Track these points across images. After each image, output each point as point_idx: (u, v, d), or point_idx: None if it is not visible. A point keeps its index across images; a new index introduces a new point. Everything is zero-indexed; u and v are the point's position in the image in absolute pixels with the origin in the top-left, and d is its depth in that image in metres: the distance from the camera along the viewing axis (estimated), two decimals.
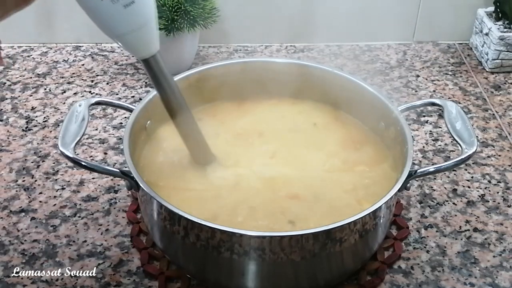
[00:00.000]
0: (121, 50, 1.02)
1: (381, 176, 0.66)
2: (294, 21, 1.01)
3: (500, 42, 0.95)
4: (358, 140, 0.71)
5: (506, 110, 0.90)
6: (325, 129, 0.72)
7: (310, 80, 0.73)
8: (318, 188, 0.64)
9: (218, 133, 0.71)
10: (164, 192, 0.58)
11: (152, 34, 0.55)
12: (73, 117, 0.64)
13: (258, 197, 0.62)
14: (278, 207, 0.61)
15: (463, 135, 0.64)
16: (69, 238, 0.67)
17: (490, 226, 0.70)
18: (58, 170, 0.76)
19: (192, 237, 0.56)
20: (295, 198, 0.62)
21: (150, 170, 0.65)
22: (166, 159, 0.67)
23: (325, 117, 0.73)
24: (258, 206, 0.61)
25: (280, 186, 0.64)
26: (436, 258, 0.66)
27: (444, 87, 0.95)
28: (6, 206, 0.71)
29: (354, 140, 0.71)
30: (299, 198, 0.62)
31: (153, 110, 0.68)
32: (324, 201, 0.62)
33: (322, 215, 0.60)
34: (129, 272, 0.64)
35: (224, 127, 0.72)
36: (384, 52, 1.04)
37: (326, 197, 0.63)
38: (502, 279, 0.64)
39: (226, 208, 0.61)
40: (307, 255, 0.55)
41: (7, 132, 0.83)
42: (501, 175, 0.77)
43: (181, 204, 0.55)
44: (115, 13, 0.51)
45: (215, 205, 0.61)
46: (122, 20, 0.52)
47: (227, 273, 0.59)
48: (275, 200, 0.62)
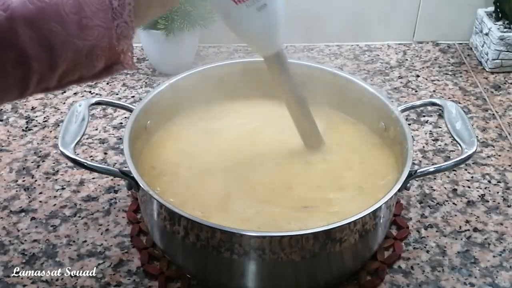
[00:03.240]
0: None
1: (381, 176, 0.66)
2: (294, 21, 1.01)
3: (500, 42, 0.95)
4: (358, 140, 0.71)
5: (506, 110, 0.90)
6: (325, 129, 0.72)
7: (310, 80, 0.73)
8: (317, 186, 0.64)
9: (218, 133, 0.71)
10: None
11: (280, 33, 0.60)
12: (73, 117, 0.64)
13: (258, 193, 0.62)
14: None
15: (463, 135, 0.64)
16: (69, 238, 0.67)
17: (490, 226, 0.70)
18: (58, 170, 0.76)
19: (192, 237, 0.56)
20: (290, 190, 0.64)
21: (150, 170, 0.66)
22: (166, 159, 0.68)
23: (325, 117, 0.73)
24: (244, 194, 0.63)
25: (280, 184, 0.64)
26: (436, 258, 0.66)
27: (444, 87, 0.95)
28: (6, 206, 0.71)
29: (354, 140, 0.71)
30: (292, 189, 0.64)
31: (153, 110, 0.69)
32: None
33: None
34: (129, 272, 0.64)
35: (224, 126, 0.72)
36: (384, 52, 1.04)
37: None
38: (502, 279, 0.64)
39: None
40: (307, 255, 0.55)
41: (7, 132, 0.83)
42: (501, 175, 0.77)
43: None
44: (249, 16, 0.56)
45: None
46: (256, 23, 0.57)
47: (227, 273, 0.59)
48: (276, 197, 0.63)
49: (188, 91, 0.72)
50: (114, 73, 0.50)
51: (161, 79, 0.95)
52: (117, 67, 0.49)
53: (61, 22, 0.43)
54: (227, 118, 0.73)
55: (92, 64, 0.47)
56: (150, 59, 0.98)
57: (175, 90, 0.71)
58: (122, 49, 0.48)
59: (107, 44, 0.46)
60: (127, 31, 0.47)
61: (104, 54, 0.47)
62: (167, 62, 0.95)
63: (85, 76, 0.48)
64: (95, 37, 0.45)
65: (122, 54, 0.48)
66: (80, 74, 0.47)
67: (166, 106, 0.71)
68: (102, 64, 0.47)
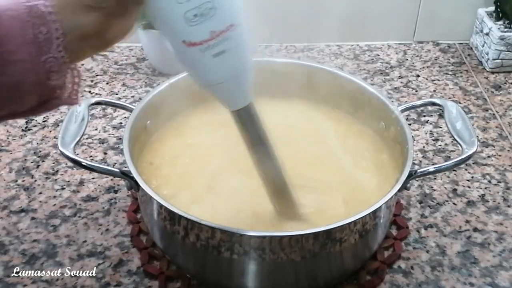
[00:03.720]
0: (121, 49, 1.02)
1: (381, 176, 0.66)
2: (294, 20, 1.01)
3: (501, 42, 0.95)
4: (358, 139, 0.71)
5: (506, 110, 0.90)
6: (325, 129, 0.72)
7: (310, 80, 0.73)
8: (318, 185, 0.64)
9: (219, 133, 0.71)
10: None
11: (244, 86, 0.51)
12: (73, 117, 0.64)
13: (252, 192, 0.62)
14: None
15: (463, 135, 0.64)
16: (69, 238, 0.67)
17: (490, 226, 0.70)
18: (58, 170, 0.76)
19: (192, 237, 0.56)
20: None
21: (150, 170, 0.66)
22: (166, 159, 0.67)
23: (325, 117, 0.73)
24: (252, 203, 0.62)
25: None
26: (436, 258, 0.66)
27: (445, 87, 0.95)
28: (6, 206, 0.71)
29: (354, 140, 0.71)
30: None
31: (153, 110, 0.69)
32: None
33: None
34: (129, 272, 0.64)
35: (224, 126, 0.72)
36: (384, 52, 1.04)
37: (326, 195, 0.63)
38: (502, 279, 0.64)
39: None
40: (307, 255, 0.55)
41: (6, 132, 0.83)
42: (501, 175, 0.77)
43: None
44: (205, 63, 0.47)
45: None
46: (212, 70, 0.48)
47: (227, 273, 0.59)
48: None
49: (188, 91, 0.72)
50: (52, 108, 0.46)
51: (161, 79, 0.95)
52: (54, 102, 0.46)
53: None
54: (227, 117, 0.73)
55: (21, 100, 0.43)
56: (150, 59, 0.98)
57: (175, 90, 0.71)
58: (57, 85, 0.44)
59: (34, 80, 0.42)
60: (58, 66, 0.43)
61: (34, 90, 0.43)
62: (167, 62, 0.95)
63: (16, 112, 0.45)
64: (19, 73, 0.42)
65: (58, 90, 0.45)
66: (9, 110, 0.44)
67: (166, 106, 0.71)
68: (34, 100, 0.44)
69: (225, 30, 0.46)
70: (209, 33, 0.46)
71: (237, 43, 0.47)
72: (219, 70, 0.48)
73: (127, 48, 1.03)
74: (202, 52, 0.46)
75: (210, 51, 0.46)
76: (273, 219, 0.60)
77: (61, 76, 0.44)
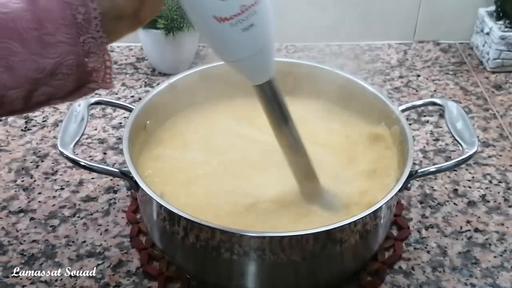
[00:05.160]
0: (121, 49, 1.02)
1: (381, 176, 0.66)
2: (294, 20, 1.01)
3: (501, 42, 0.95)
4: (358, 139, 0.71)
5: (507, 110, 0.90)
6: (325, 129, 0.72)
7: (310, 79, 0.73)
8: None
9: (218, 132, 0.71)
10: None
11: (270, 59, 0.51)
12: (72, 117, 0.64)
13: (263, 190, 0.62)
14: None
15: (464, 135, 0.64)
16: (68, 238, 0.67)
17: (491, 227, 0.70)
18: (57, 170, 0.76)
19: (191, 237, 0.56)
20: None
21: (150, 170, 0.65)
22: (166, 159, 0.67)
23: (325, 117, 0.73)
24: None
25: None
26: (437, 259, 0.65)
27: (445, 87, 0.95)
28: (5, 206, 0.71)
29: (354, 140, 0.71)
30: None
31: (153, 110, 0.68)
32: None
33: None
34: (129, 273, 0.63)
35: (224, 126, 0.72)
36: (384, 52, 1.03)
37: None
38: (503, 279, 0.63)
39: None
40: (308, 256, 0.55)
41: (6, 132, 0.83)
42: (502, 175, 0.77)
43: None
44: (234, 37, 0.47)
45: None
46: (241, 45, 0.48)
47: (227, 273, 0.59)
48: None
49: (188, 91, 0.72)
50: (89, 93, 0.46)
51: (160, 78, 0.94)
52: (91, 86, 0.46)
53: (20, 39, 0.40)
54: (227, 117, 0.73)
55: (60, 83, 0.44)
56: (150, 59, 0.98)
57: (175, 90, 0.71)
58: (93, 67, 0.45)
59: (74, 61, 0.43)
60: (96, 46, 0.44)
61: (72, 73, 0.43)
62: (166, 61, 0.95)
63: (55, 97, 0.45)
64: (58, 55, 0.42)
65: (94, 72, 0.45)
66: (48, 95, 0.44)
67: (165, 106, 0.70)
68: (72, 83, 0.44)
69: (254, 4, 0.46)
70: (239, 7, 0.46)
71: (263, 16, 0.48)
72: (247, 44, 0.48)
73: (127, 48, 1.03)
74: (232, 27, 0.46)
75: (240, 25, 0.46)
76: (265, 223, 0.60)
77: (99, 57, 0.45)
